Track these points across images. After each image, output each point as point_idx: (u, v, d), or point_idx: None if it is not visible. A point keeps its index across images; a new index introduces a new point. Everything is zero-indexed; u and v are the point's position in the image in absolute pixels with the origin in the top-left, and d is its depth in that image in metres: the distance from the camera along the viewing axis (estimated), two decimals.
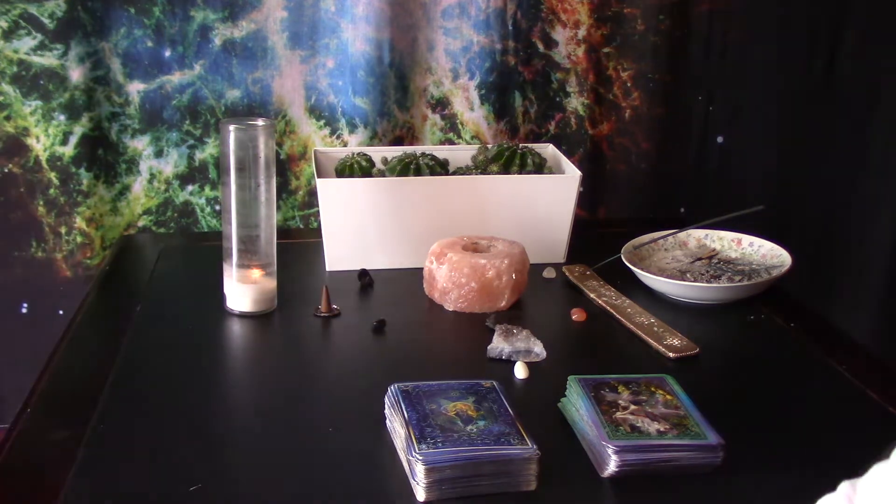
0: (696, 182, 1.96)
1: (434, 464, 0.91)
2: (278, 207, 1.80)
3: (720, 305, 1.41)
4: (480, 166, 1.59)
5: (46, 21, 1.65)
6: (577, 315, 1.36)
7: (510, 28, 1.82)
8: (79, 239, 1.75)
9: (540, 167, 1.58)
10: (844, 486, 0.73)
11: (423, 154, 1.58)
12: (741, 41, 1.89)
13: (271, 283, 1.37)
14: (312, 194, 1.81)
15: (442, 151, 1.64)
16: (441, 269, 1.37)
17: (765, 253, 1.52)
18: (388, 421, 1.04)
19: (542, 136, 1.89)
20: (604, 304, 1.39)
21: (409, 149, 1.62)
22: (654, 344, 1.26)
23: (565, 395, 1.08)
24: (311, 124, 1.80)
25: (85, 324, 1.35)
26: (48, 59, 1.66)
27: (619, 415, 1.00)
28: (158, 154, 1.77)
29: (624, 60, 1.87)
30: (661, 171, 1.94)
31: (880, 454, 0.70)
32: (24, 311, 1.77)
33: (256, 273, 1.35)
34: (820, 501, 0.74)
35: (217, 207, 1.80)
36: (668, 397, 1.04)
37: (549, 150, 1.69)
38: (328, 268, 1.52)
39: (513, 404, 1.01)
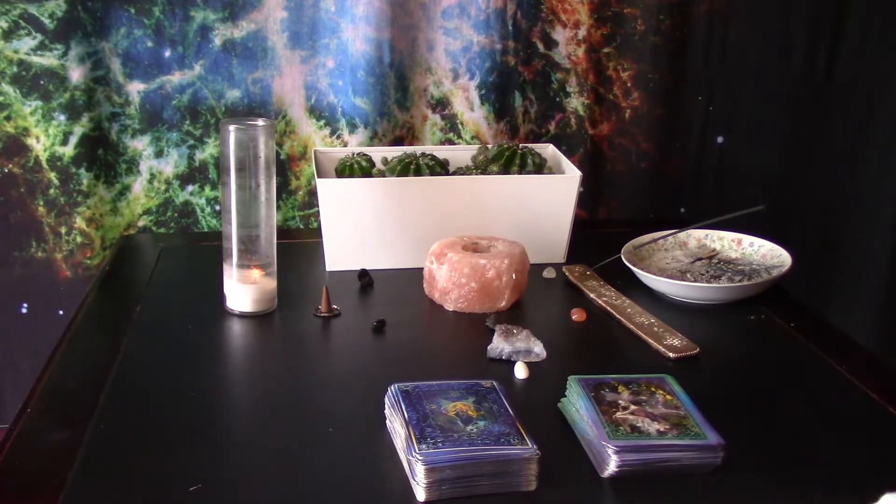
0: (696, 182, 1.96)
1: (434, 464, 0.91)
2: (278, 207, 1.80)
3: (720, 305, 1.41)
4: (480, 166, 1.59)
5: (46, 21, 1.65)
6: (577, 315, 1.36)
7: (510, 28, 1.82)
8: (79, 239, 1.75)
9: (540, 167, 1.58)
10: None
11: (423, 154, 1.58)
12: (741, 41, 1.89)
13: (271, 283, 1.37)
14: (312, 194, 1.81)
15: (442, 151, 1.64)
16: (441, 269, 1.37)
17: (765, 253, 1.52)
18: (388, 421, 1.04)
19: (542, 136, 1.89)
20: (604, 304, 1.39)
21: (409, 149, 1.63)
22: (654, 344, 1.26)
23: (565, 395, 1.08)
24: (311, 124, 1.80)
25: (85, 324, 1.35)
26: (48, 59, 1.66)
27: (619, 415, 1.00)
28: (158, 154, 1.77)
29: (624, 60, 1.87)
30: (661, 171, 1.94)
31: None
32: (24, 311, 1.77)
33: (256, 273, 1.35)
34: (884, 498, 0.72)
35: (217, 207, 1.80)
36: (668, 397, 1.04)
37: (549, 150, 1.69)
38: (328, 268, 1.52)
39: (513, 404, 1.01)
